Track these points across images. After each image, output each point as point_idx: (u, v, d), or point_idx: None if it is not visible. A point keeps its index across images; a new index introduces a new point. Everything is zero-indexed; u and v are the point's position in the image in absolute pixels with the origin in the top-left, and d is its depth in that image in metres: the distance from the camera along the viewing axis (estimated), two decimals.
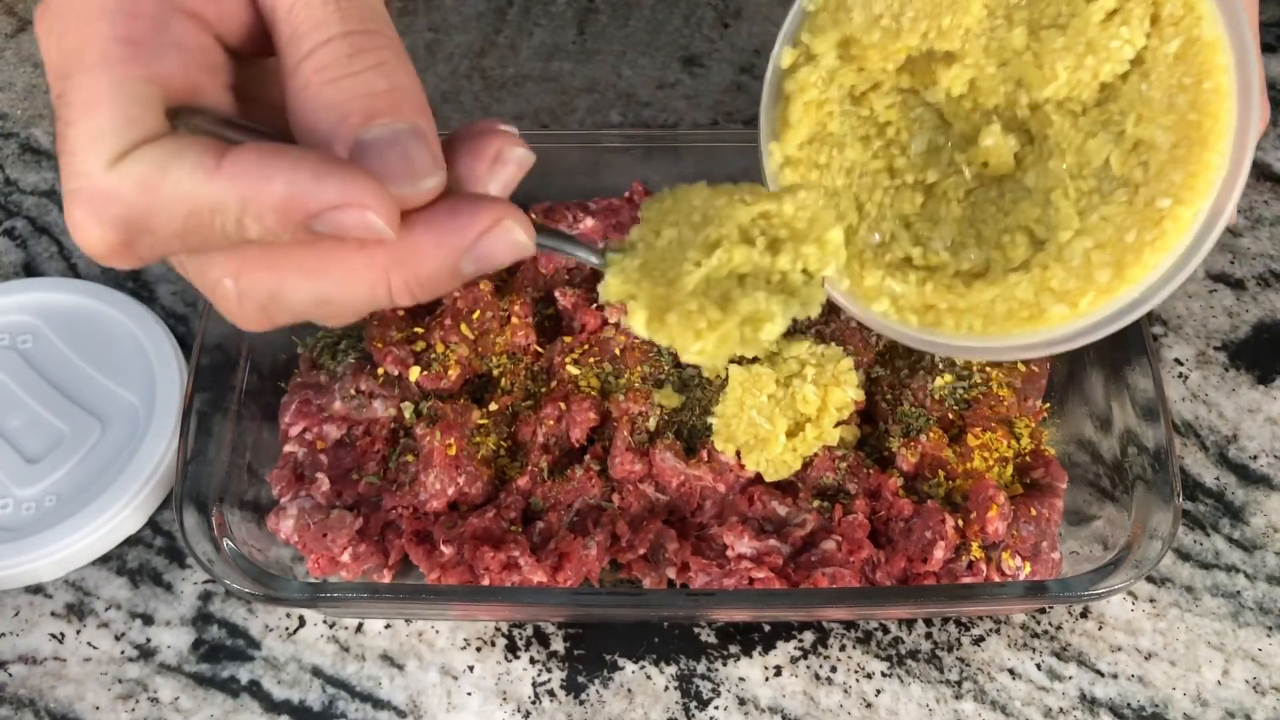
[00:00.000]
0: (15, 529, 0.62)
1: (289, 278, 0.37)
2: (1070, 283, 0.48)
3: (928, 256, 0.53)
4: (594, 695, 0.59)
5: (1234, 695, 0.59)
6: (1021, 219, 0.52)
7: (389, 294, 0.37)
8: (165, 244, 0.36)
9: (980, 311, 0.50)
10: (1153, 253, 0.47)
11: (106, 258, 0.36)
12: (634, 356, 0.63)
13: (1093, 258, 0.48)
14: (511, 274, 0.68)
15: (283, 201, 0.34)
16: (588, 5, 0.88)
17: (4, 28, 0.88)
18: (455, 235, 0.36)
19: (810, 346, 0.62)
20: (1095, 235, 0.49)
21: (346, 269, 0.37)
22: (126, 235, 0.35)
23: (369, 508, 0.60)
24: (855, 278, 0.53)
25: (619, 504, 0.60)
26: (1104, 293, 0.48)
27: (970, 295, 0.50)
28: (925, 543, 0.57)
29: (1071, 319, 0.49)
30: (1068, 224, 0.49)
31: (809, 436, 0.59)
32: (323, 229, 0.35)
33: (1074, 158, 0.50)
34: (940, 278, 0.52)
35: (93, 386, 0.66)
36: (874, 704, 0.59)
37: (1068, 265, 0.48)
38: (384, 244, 0.36)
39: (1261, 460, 0.67)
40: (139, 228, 0.35)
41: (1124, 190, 0.48)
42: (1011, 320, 0.50)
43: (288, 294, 0.37)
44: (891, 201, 0.54)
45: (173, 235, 0.35)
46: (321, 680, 0.59)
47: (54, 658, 0.60)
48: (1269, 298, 0.73)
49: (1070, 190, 0.50)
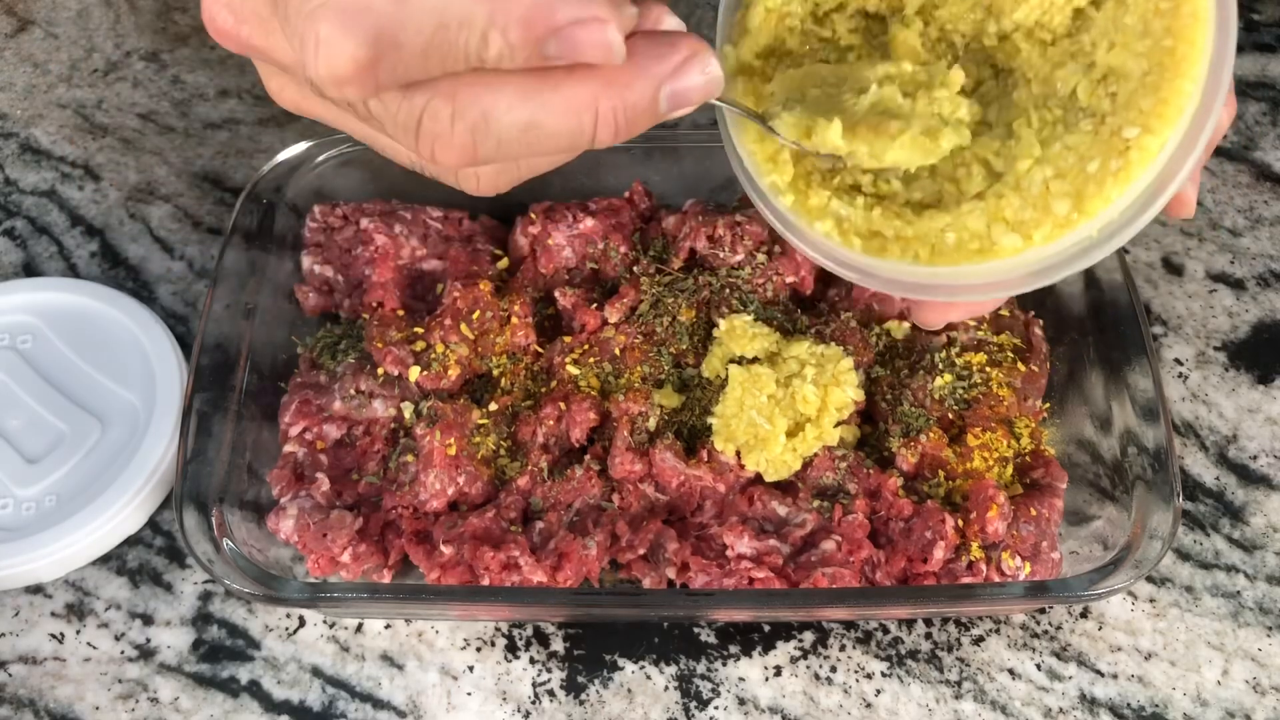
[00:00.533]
0: (15, 529, 0.62)
1: (504, 98, 0.38)
2: (1025, 213, 0.46)
3: (878, 184, 0.50)
4: (594, 695, 0.59)
5: (1234, 695, 0.59)
6: (980, 151, 0.49)
7: (595, 124, 0.39)
8: (408, 63, 0.37)
9: (928, 240, 0.48)
10: (1115, 184, 0.44)
11: (351, 75, 0.37)
12: (634, 356, 0.63)
13: (1051, 187, 0.46)
14: (511, 274, 0.68)
15: (529, 14, 0.36)
16: None
17: (4, 28, 0.88)
18: (657, 63, 0.39)
19: (810, 346, 0.62)
20: (1056, 164, 0.46)
21: (560, 93, 0.38)
22: (376, 50, 0.36)
23: (369, 508, 0.60)
24: (800, 194, 0.50)
25: (619, 504, 0.60)
26: (1060, 226, 0.45)
27: (920, 223, 0.48)
28: (925, 543, 0.57)
29: (1023, 251, 0.46)
30: (1028, 152, 0.47)
31: (809, 436, 0.59)
32: (556, 50, 0.37)
33: (1040, 88, 0.48)
34: (890, 205, 0.49)
35: (93, 386, 0.66)
36: (874, 704, 0.59)
37: (1025, 194, 0.46)
38: (595, 71, 0.38)
39: (1261, 460, 0.67)
40: (390, 42, 0.36)
41: (1090, 120, 0.46)
42: (960, 252, 0.47)
43: (500, 115, 0.39)
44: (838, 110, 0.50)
45: (418, 52, 0.36)
46: (321, 680, 0.59)
47: (54, 658, 0.60)
48: (1269, 298, 0.73)
49: (1034, 120, 0.47)
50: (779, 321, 0.65)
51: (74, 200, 0.78)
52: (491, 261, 0.68)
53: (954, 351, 0.63)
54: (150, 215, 0.77)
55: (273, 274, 0.66)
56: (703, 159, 0.70)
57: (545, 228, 0.67)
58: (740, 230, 0.66)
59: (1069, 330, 0.65)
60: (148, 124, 0.82)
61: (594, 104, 0.39)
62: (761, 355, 0.62)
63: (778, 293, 0.66)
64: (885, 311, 0.66)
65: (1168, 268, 0.74)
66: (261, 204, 0.67)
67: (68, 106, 0.83)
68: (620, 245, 0.68)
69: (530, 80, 0.38)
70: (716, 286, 0.65)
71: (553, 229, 0.67)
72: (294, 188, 0.68)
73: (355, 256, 0.67)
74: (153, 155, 0.80)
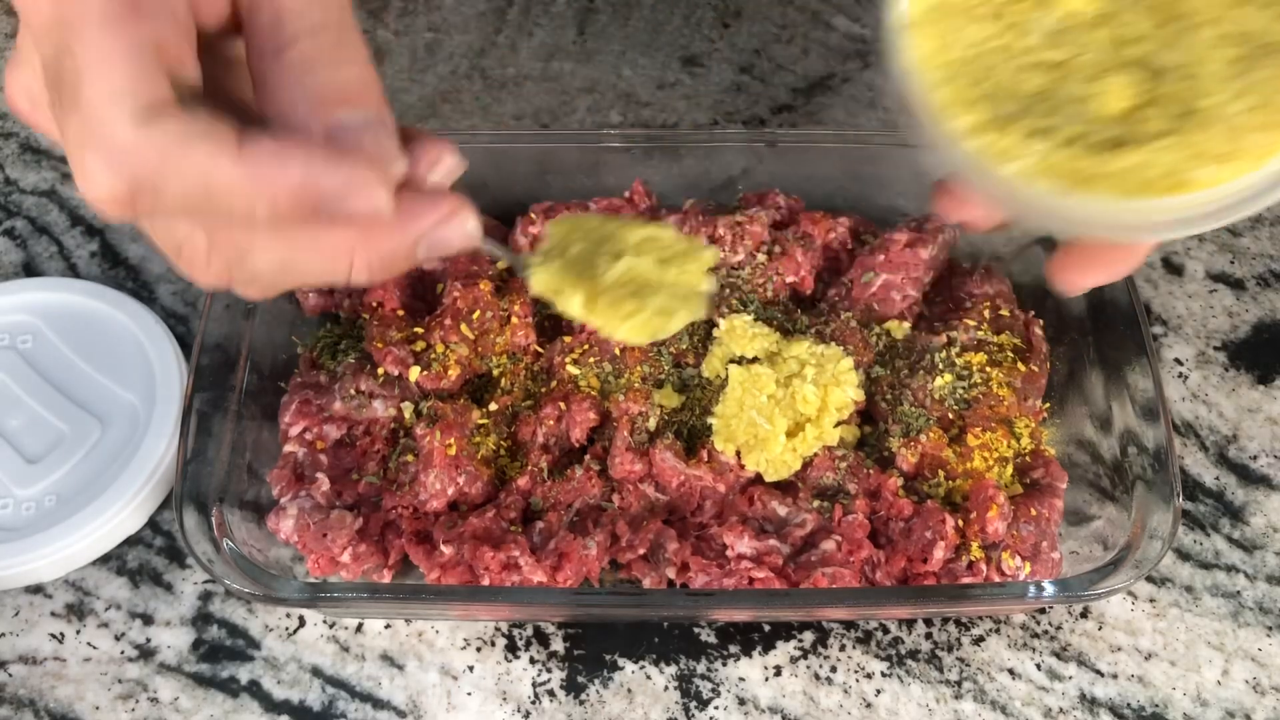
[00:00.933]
0: (15, 529, 0.62)
1: (261, 241, 0.39)
2: (1221, 145, 0.46)
3: (1066, 127, 0.49)
4: (594, 695, 0.59)
5: (1234, 695, 0.59)
6: (1156, 94, 0.48)
7: (349, 269, 0.40)
8: (165, 206, 0.38)
9: (1117, 180, 0.47)
10: None
11: (107, 205, 0.38)
12: (634, 356, 0.63)
13: (1246, 120, 0.45)
14: (512, 274, 0.68)
15: (299, 188, 0.36)
16: (588, 5, 0.88)
17: (4, 28, 0.88)
18: (416, 220, 0.40)
19: (810, 346, 0.62)
20: (1247, 98, 0.46)
21: (317, 242, 0.39)
22: (136, 191, 0.37)
23: (369, 508, 0.60)
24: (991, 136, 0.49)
25: (619, 504, 0.60)
26: (1261, 157, 0.45)
27: (1112, 161, 0.47)
28: (925, 543, 0.57)
29: (1217, 184, 0.46)
30: (1215, 90, 0.47)
31: (809, 436, 0.59)
32: (327, 213, 0.37)
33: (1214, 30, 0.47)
34: (1079, 145, 0.48)
35: (93, 386, 0.66)
36: (874, 704, 0.59)
37: (1223, 125, 0.46)
38: (355, 223, 0.38)
39: (1261, 460, 0.67)
40: (150, 187, 0.37)
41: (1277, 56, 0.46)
42: (1150, 190, 0.47)
43: (256, 256, 0.39)
44: (1013, 81, 0.50)
45: (176, 200, 0.37)
46: (321, 680, 0.59)
47: (54, 658, 0.60)
48: (1269, 298, 0.73)
49: (1215, 59, 0.47)
50: (779, 321, 0.65)
51: (74, 200, 0.78)
52: (491, 261, 0.68)
53: (954, 351, 0.63)
54: None
55: None
56: (703, 159, 0.70)
57: (545, 227, 0.67)
58: (740, 230, 0.66)
59: (1069, 330, 0.65)
60: None
61: (350, 253, 0.40)
62: (761, 355, 0.62)
63: (778, 293, 0.66)
64: (885, 311, 0.66)
65: (1168, 268, 0.74)
66: None
67: None
68: None
69: (290, 228, 0.39)
70: (716, 286, 0.65)
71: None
72: None
73: None
74: None
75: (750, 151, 0.70)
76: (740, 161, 0.70)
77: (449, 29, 0.86)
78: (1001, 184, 0.49)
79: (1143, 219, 0.47)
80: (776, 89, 0.83)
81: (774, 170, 0.70)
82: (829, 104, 0.82)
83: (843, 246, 0.69)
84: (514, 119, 0.81)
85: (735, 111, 0.82)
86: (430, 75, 0.84)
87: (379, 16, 0.87)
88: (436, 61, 0.84)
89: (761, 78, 0.84)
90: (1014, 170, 0.48)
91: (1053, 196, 0.47)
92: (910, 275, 0.66)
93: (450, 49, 0.85)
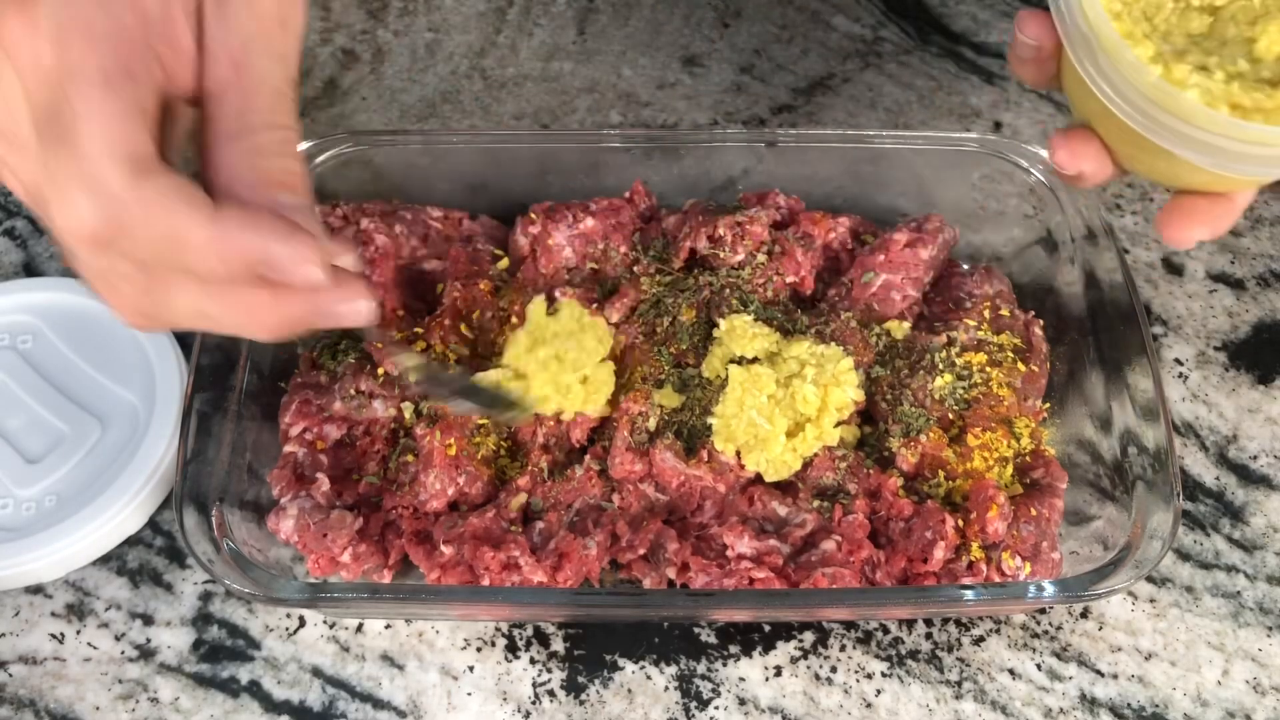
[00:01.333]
0: (15, 529, 0.62)
1: (189, 290, 0.44)
2: None
3: (1224, 66, 0.51)
4: (594, 695, 0.59)
5: (1234, 695, 0.59)
6: None
7: (259, 325, 0.45)
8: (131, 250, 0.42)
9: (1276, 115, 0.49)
10: None
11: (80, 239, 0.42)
12: (634, 356, 0.63)
13: None
14: (511, 274, 0.68)
15: (256, 255, 0.42)
16: (588, 5, 0.88)
17: None
18: (327, 295, 0.45)
19: (810, 346, 0.62)
20: None
21: (236, 298, 0.44)
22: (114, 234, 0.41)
23: (369, 508, 0.60)
24: (1165, 66, 0.51)
25: (619, 504, 0.60)
26: None
27: (1276, 96, 0.49)
28: (925, 543, 0.57)
29: None
30: None
31: (809, 436, 0.59)
32: (274, 276, 0.43)
33: None
34: (1245, 81, 0.50)
35: (93, 386, 0.66)
36: (874, 704, 0.59)
37: None
38: (272, 287, 0.43)
39: (1261, 460, 0.67)
40: (123, 233, 0.41)
41: None
42: None
43: (179, 301, 0.44)
44: (1178, 21, 0.53)
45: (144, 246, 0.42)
46: (321, 680, 0.59)
47: (54, 658, 0.60)
48: (1269, 298, 0.73)
49: None
50: (779, 321, 0.65)
51: None
52: (491, 261, 0.68)
53: (954, 351, 0.63)
54: None
55: None
56: (703, 159, 0.70)
57: (545, 228, 0.67)
58: (741, 230, 0.66)
59: (1069, 330, 0.65)
60: None
61: (262, 312, 0.45)
62: (761, 355, 0.62)
63: (778, 293, 0.66)
64: (885, 311, 0.66)
65: (1168, 268, 0.74)
66: None
67: None
68: (620, 245, 0.68)
69: (223, 285, 0.44)
70: (717, 286, 0.65)
71: (553, 229, 0.67)
72: None
73: None
74: None
75: (750, 151, 0.70)
76: (740, 161, 0.70)
77: (449, 29, 0.86)
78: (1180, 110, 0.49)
79: None
80: (776, 89, 0.83)
81: (774, 170, 0.70)
82: (829, 104, 0.82)
83: (843, 246, 0.69)
84: (514, 119, 0.81)
85: (735, 111, 0.82)
86: (430, 75, 0.84)
87: (379, 16, 0.87)
88: (436, 61, 0.84)
89: (761, 78, 0.84)
90: (1196, 96, 0.49)
91: (1231, 126, 0.49)
92: (910, 275, 0.66)
93: (450, 49, 0.85)
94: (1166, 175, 0.54)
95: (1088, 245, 0.65)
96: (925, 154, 0.69)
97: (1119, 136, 0.53)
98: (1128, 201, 0.78)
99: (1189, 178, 0.53)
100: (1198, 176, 0.52)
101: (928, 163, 0.69)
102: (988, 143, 0.68)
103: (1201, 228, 0.55)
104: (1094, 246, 0.65)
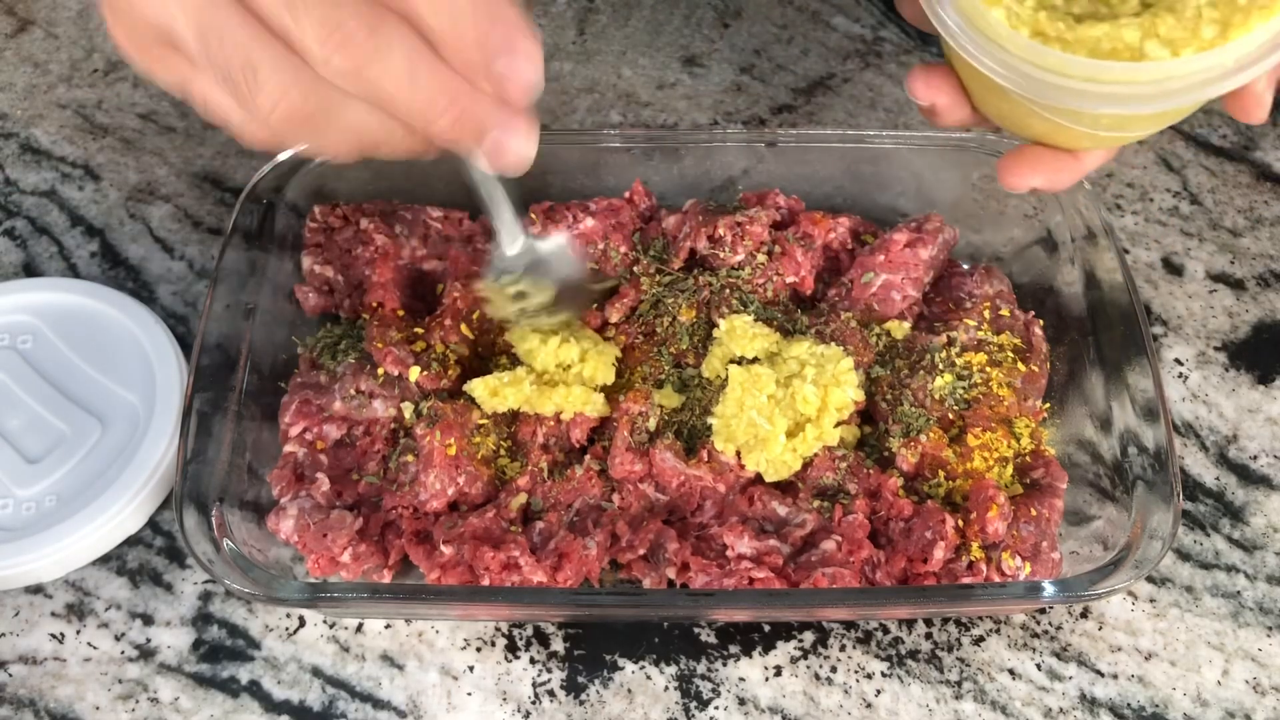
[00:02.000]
0: (15, 529, 0.62)
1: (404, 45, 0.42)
2: (1176, 32, 0.50)
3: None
4: (594, 695, 0.59)
5: (1234, 695, 0.59)
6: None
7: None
8: None
9: (1086, 45, 0.51)
10: (1259, 16, 0.49)
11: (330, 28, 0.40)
12: (634, 356, 0.63)
13: (1204, 13, 0.50)
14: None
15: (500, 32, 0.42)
16: (588, 5, 0.88)
17: (4, 28, 0.88)
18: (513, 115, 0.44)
19: (810, 346, 0.62)
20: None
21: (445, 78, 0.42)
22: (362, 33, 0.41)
23: (369, 508, 0.60)
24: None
25: (619, 504, 0.60)
26: (1204, 47, 0.50)
27: (1079, 30, 0.51)
28: (925, 543, 0.57)
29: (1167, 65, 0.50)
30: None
31: (809, 436, 0.59)
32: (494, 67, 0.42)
33: None
34: (1055, 12, 0.53)
35: (93, 386, 0.66)
36: (874, 704, 0.59)
37: (1179, 16, 0.50)
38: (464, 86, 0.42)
39: (1261, 460, 0.67)
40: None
41: None
42: (1113, 58, 0.51)
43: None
44: None
45: None
46: (321, 680, 0.59)
47: (54, 658, 0.60)
48: (1269, 298, 0.73)
49: None
50: (779, 321, 0.65)
51: (74, 200, 0.78)
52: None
53: (954, 351, 0.63)
54: (150, 215, 0.77)
55: (273, 274, 0.66)
56: (703, 159, 0.70)
57: (545, 228, 0.67)
58: (740, 230, 0.66)
59: (1069, 330, 0.65)
60: (148, 124, 0.82)
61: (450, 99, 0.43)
62: (761, 355, 0.62)
63: (778, 293, 0.66)
64: (885, 311, 0.66)
65: (1168, 268, 0.74)
66: (261, 204, 0.67)
67: (68, 107, 0.83)
68: (620, 245, 0.68)
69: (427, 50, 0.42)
70: (716, 286, 0.65)
71: (553, 229, 0.67)
72: (294, 188, 0.68)
73: (355, 257, 0.67)
74: (153, 155, 0.80)
75: (750, 151, 0.70)
76: (740, 161, 0.70)
77: None
78: (988, 29, 0.52)
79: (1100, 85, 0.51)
80: (776, 89, 0.83)
81: (774, 170, 0.70)
82: (829, 104, 0.82)
83: (843, 246, 0.69)
84: None
85: (735, 111, 0.82)
86: None
87: None
88: None
89: (761, 78, 0.84)
90: (1001, 15, 0.51)
91: (1030, 49, 0.51)
92: (910, 275, 0.66)
93: None
94: (1011, 120, 0.56)
95: (1088, 245, 0.65)
96: (925, 154, 0.69)
97: (962, 70, 0.55)
98: (1128, 201, 0.78)
99: (1031, 126, 0.55)
100: (1039, 126, 0.55)
101: (928, 163, 0.69)
102: (988, 142, 0.68)
103: (1038, 176, 0.57)
104: (1094, 246, 0.65)
